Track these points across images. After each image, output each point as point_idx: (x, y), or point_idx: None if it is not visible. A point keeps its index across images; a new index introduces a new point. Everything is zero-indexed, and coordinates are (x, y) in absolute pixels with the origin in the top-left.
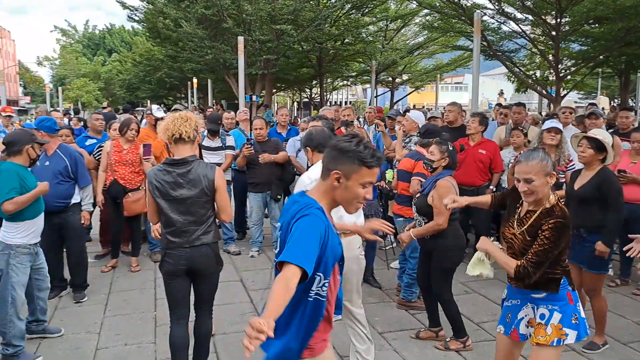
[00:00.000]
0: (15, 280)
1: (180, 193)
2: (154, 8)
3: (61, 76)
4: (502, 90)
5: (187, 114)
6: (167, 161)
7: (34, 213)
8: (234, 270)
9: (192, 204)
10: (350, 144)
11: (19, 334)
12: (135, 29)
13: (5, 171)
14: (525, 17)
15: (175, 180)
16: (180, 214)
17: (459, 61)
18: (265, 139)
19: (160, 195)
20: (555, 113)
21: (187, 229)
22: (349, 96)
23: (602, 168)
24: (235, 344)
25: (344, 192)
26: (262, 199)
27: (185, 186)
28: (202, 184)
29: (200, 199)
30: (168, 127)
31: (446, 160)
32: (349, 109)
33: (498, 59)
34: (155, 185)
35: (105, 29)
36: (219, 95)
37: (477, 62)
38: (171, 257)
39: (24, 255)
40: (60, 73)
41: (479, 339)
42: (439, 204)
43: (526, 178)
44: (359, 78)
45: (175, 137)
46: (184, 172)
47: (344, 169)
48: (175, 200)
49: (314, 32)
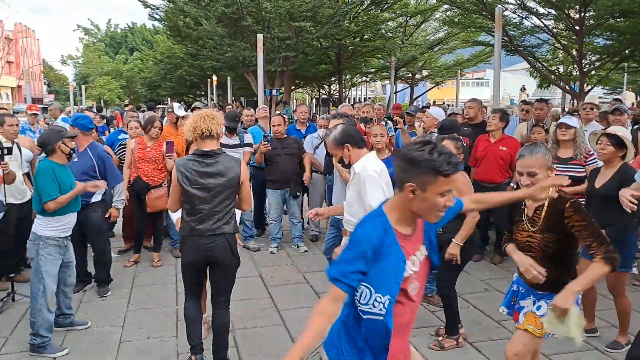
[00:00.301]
0: (44, 270)
1: (208, 182)
2: (174, 7)
3: (84, 74)
4: (524, 86)
5: (212, 113)
6: (197, 152)
7: (64, 210)
8: (253, 266)
9: (217, 194)
10: (422, 153)
11: (47, 324)
12: (157, 27)
13: (42, 171)
14: (548, 11)
15: (205, 170)
16: (206, 202)
17: (480, 56)
18: (283, 136)
19: (189, 184)
20: (576, 110)
21: (211, 217)
22: (367, 92)
23: (623, 165)
24: (254, 339)
25: (421, 203)
26: (281, 196)
27: (213, 176)
28: (228, 175)
29: (226, 190)
30: (197, 125)
31: (461, 156)
32: (369, 105)
33: (520, 54)
34: (185, 174)
35: (127, 28)
36: (238, 93)
37: (498, 58)
38: (192, 245)
39: (52, 247)
40: (83, 71)
41: (500, 336)
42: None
43: (530, 172)
44: (378, 74)
45: (205, 134)
46: (212, 163)
47: (418, 180)
48: (202, 189)
49: (333, 28)
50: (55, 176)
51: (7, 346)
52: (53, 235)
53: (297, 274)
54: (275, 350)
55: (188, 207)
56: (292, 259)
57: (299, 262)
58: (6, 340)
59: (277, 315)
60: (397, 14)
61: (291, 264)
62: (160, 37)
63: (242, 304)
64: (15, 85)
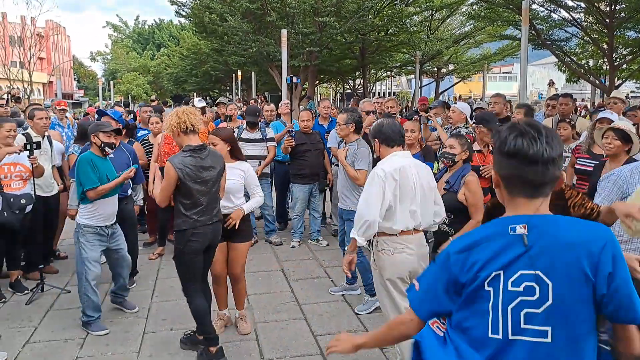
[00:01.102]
0: (84, 256)
1: (205, 175)
2: (200, 3)
3: (112, 70)
4: (553, 80)
5: (192, 109)
6: (189, 148)
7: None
8: (275, 260)
9: (212, 185)
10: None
11: (92, 305)
12: (183, 23)
13: (82, 161)
14: (577, 4)
15: (201, 164)
16: (204, 194)
17: (507, 50)
18: (310, 131)
19: (191, 179)
20: (603, 105)
21: (210, 207)
22: (392, 87)
23: (629, 159)
24: (275, 332)
25: None
26: (308, 190)
27: (208, 169)
28: (217, 167)
29: (218, 181)
30: (183, 120)
31: (466, 154)
32: (392, 100)
33: (548, 48)
34: (186, 171)
35: (155, 24)
36: (262, 87)
37: (525, 53)
38: (199, 235)
39: (90, 234)
40: (112, 67)
41: None
42: (475, 200)
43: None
44: (403, 69)
45: (189, 129)
46: (205, 157)
47: None
48: (202, 182)
49: (357, 23)
50: (94, 166)
51: (37, 334)
52: (91, 223)
53: (319, 268)
54: (295, 343)
55: (188, 202)
56: (313, 253)
57: (321, 257)
58: (35, 329)
59: (297, 308)
60: (422, 8)
61: (312, 258)
62: (187, 33)
63: (263, 297)
64: (47, 81)
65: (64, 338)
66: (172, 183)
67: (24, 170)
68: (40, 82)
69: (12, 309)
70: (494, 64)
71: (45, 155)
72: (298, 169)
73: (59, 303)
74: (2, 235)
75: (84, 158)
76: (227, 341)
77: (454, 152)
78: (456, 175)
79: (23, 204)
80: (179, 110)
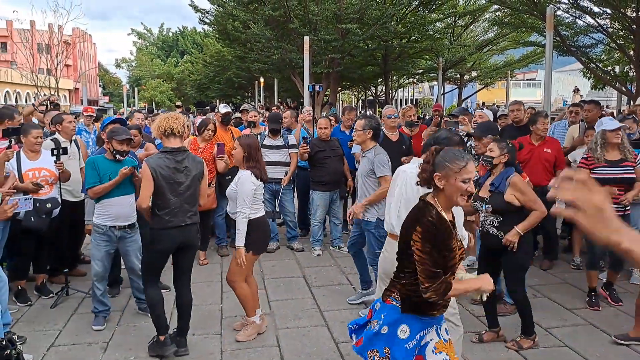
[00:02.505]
0: (92, 253)
1: (179, 177)
2: (224, 11)
3: (137, 77)
4: (577, 87)
5: (176, 114)
6: (167, 150)
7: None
8: (297, 267)
9: (187, 188)
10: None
11: (97, 298)
12: (206, 31)
13: (88, 164)
14: (603, 10)
15: (176, 167)
16: (176, 196)
17: (531, 57)
18: (329, 138)
19: (163, 180)
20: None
21: (182, 209)
22: (415, 94)
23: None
24: (297, 339)
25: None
26: (329, 198)
27: (182, 172)
28: (194, 171)
29: (193, 185)
30: (161, 124)
31: (506, 157)
32: (412, 109)
33: (573, 54)
34: (159, 171)
35: (179, 32)
36: (284, 94)
37: (549, 59)
38: (166, 236)
39: (98, 234)
40: (136, 74)
41: (547, 344)
42: (528, 197)
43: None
44: (425, 75)
45: (168, 132)
46: (182, 159)
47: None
48: (174, 184)
49: (380, 30)
50: (96, 167)
51: (61, 338)
52: (99, 222)
53: (340, 275)
54: (317, 350)
55: (160, 202)
56: (335, 259)
57: (342, 264)
58: (60, 332)
59: (319, 315)
60: (445, 14)
61: (334, 265)
62: (210, 40)
63: (285, 304)
64: (73, 88)
65: (87, 342)
66: (148, 183)
67: (49, 174)
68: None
69: (38, 312)
70: (517, 70)
71: (73, 159)
72: (318, 176)
73: (83, 307)
74: (29, 239)
75: (89, 160)
76: (249, 347)
77: (492, 155)
78: (500, 177)
79: (49, 208)
80: (161, 116)
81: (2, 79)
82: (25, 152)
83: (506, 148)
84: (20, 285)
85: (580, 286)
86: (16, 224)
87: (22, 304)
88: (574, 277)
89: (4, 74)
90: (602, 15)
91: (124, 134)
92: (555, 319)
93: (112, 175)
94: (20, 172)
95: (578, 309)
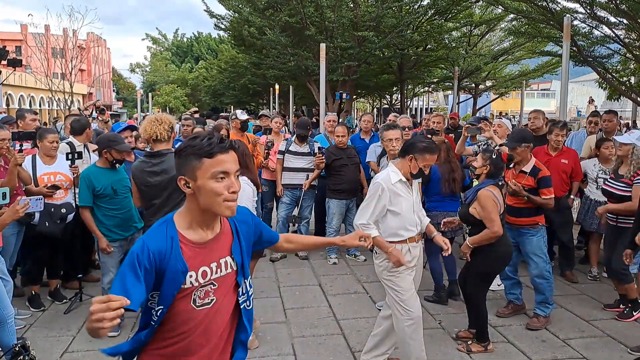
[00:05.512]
0: (103, 261)
1: (154, 179)
2: (239, 17)
3: (151, 82)
4: (592, 98)
5: (161, 117)
6: (146, 153)
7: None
8: (312, 275)
9: (163, 189)
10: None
11: None
12: (221, 36)
13: (82, 179)
14: (620, 20)
15: (152, 170)
16: (155, 197)
17: (546, 67)
18: (346, 146)
19: (140, 182)
20: None
21: (161, 209)
22: (429, 102)
23: None
24: (313, 347)
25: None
26: (345, 206)
27: (159, 174)
28: (172, 172)
29: (171, 185)
30: (146, 130)
31: (487, 168)
32: (440, 116)
33: (589, 65)
34: (136, 175)
35: (193, 37)
36: (300, 101)
37: (566, 69)
38: None
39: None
40: (150, 79)
41: (564, 356)
42: (485, 214)
43: None
44: (440, 84)
45: (153, 138)
46: (158, 162)
47: (185, 170)
48: (150, 186)
49: (396, 38)
50: (90, 184)
51: (75, 344)
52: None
53: (356, 283)
54: (333, 359)
55: (144, 202)
56: (351, 268)
57: (358, 272)
58: (74, 338)
59: (335, 324)
60: (462, 23)
61: (350, 273)
62: (225, 46)
63: (301, 312)
64: (87, 92)
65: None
66: (133, 186)
67: (64, 179)
68: (81, 93)
69: (51, 318)
70: (532, 80)
71: (86, 164)
72: (335, 184)
73: None
74: (44, 244)
75: (83, 174)
76: (264, 356)
77: (476, 165)
78: (475, 189)
79: (64, 214)
80: (147, 119)
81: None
82: (41, 156)
83: (489, 160)
84: (34, 290)
85: (598, 297)
86: (31, 229)
87: (35, 309)
88: (591, 288)
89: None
90: (619, 25)
91: (124, 144)
92: (573, 330)
93: (114, 185)
94: (35, 176)
95: (595, 320)
